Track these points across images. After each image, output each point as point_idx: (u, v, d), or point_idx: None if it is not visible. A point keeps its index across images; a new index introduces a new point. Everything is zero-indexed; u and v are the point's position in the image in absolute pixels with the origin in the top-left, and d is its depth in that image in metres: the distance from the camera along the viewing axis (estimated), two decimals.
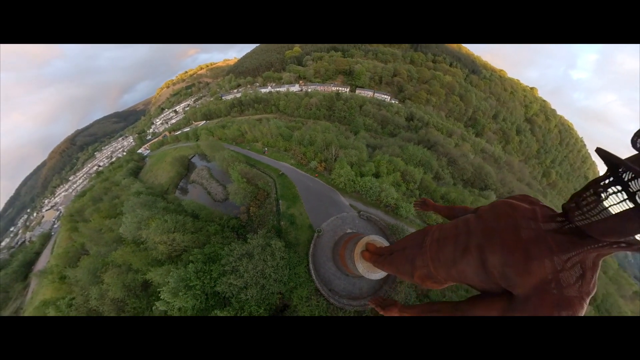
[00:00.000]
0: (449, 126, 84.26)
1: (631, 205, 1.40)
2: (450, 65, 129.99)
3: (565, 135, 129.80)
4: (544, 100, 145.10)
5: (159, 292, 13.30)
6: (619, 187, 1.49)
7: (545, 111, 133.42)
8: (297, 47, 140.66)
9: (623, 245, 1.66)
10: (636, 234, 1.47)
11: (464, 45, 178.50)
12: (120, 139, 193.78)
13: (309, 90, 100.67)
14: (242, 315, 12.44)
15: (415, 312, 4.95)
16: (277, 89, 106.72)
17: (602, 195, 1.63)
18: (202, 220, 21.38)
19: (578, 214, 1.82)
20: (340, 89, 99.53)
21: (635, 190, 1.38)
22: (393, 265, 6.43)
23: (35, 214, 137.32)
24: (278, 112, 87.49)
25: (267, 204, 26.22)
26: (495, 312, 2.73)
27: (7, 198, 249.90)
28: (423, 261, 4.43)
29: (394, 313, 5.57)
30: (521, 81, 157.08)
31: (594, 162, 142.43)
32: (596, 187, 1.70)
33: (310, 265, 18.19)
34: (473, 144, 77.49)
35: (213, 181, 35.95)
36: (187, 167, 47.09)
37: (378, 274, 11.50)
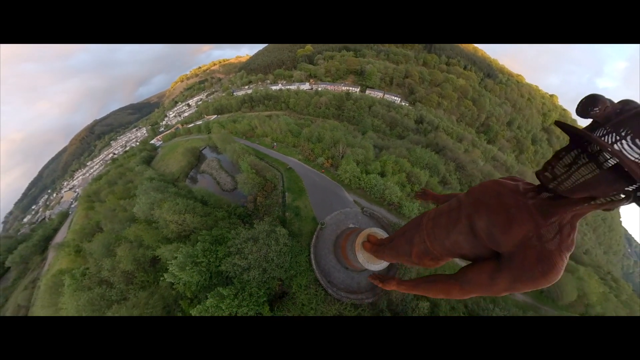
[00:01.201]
0: (460, 131, 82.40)
1: (597, 171, 1.70)
2: (465, 68, 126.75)
3: None
4: (565, 109, 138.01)
5: (167, 269, 14.18)
6: (585, 156, 1.86)
7: (565, 121, 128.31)
8: (308, 46, 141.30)
9: (592, 204, 2.00)
10: (604, 195, 1.82)
11: (480, 47, 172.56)
12: (134, 129, 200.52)
13: (319, 89, 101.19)
14: (243, 295, 13.06)
15: (412, 284, 5.37)
16: (288, 87, 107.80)
17: (572, 164, 1.99)
18: (211, 206, 22.41)
19: (553, 183, 2.17)
20: (350, 88, 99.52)
21: (601, 159, 1.67)
22: (393, 250, 6.86)
23: (55, 195, 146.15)
24: (288, 110, 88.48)
25: (273, 195, 26.97)
26: (486, 275, 3.12)
27: (31, 179, 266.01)
28: (420, 238, 4.88)
29: (393, 286, 6.03)
30: (540, 87, 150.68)
31: None
32: (565, 156, 2.09)
33: (312, 256, 18.64)
34: (484, 151, 75.30)
35: (222, 172, 37.12)
36: (198, 157, 48.66)
37: (377, 265, 11.83)
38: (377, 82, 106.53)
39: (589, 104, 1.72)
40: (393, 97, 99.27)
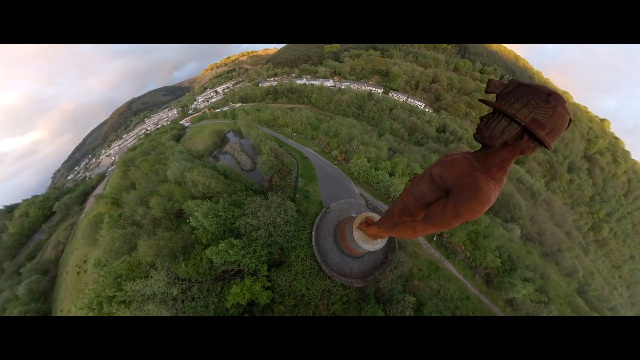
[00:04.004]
0: None
1: (501, 122, 3.21)
2: (501, 78, 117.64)
3: (635, 186, 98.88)
4: (616, 138, 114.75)
5: (188, 221, 17.19)
6: (494, 116, 3.46)
7: (615, 151, 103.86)
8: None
9: (511, 146, 3.45)
10: (509, 137, 3.31)
11: (523, 56, 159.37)
12: (166, 109, 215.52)
13: (342, 86, 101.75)
14: (249, 249, 15.45)
15: (388, 227, 7.33)
16: (312, 82, 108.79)
17: (488, 122, 3.55)
18: (231, 179, 25.51)
19: (480, 137, 3.78)
20: (373, 89, 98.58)
21: (501, 115, 3.18)
22: (383, 217, 8.72)
23: (94, 160, 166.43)
24: (309, 104, 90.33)
25: (287, 179, 29.49)
26: (439, 207, 4.83)
27: (76, 144, 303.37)
28: (401, 198, 6.79)
29: (373, 230, 8.09)
30: (590, 109, 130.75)
31: None
32: (485, 119, 3.69)
33: (313, 234, 20.28)
34: (509, 170, 71.36)
35: (243, 154, 40.46)
36: (222, 139, 52.75)
37: (370, 245, 13.49)
38: (402, 84, 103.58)
39: (488, 85, 3.40)
40: (417, 102, 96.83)
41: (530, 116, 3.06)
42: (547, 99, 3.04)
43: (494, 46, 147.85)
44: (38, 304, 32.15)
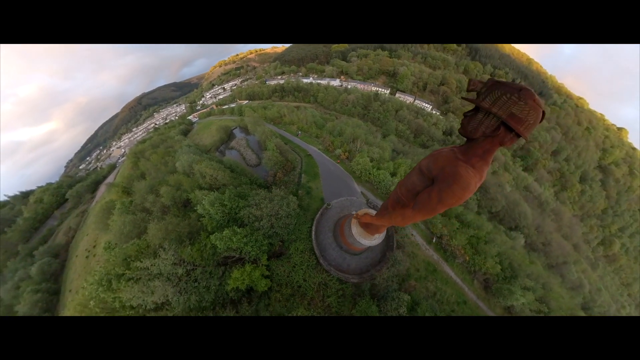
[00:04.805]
0: None
1: (479, 116, 3.90)
2: (512, 81, 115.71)
3: None
4: (634, 149, 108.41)
5: (196, 209, 18.03)
6: (475, 111, 3.99)
7: (632, 163, 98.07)
8: None
9: (489, 139, 3.96)
10: (488, 129, 3.82)
11: (536, 59, 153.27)
12: (175, 105, 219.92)
13: (349, 86, 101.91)
14: (251, 238, 16.15)
15: (379, 215, 7.86)
16: (318, 81, 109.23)
17: (470, 118, 4.08)
18: (237, 173, 26.48)
19: (463, 130, 4.28)
20: (380, 89, 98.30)
21: (486, 112, 3.72)
22: (379, 210, 9.25)
23: (105, 151, 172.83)
24: (315, 103, 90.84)
25: (291, 175, 30.19)
26: (426, 194, 5.37)
27: (88, 136, 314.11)
28: (394, 191, 7.31)
29: (367, 218, 8.66)
30: (607, 117, 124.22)
31: None
32: (467, 115, 4.16)
33: (313, 228, 20.82)
34: (516, 177, 67.07)
35: (249, 149, 41.42)
36: (228, 135, 53.91)
37: (367, 240, 13.89)
38: (409, 86, 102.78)
39: (469, 84, 3.88)
40: (424, 104, 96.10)
41: (507, 110, 3.53)
42: (518, 94, 3.51)
43: (506, 48, 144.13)
44: (49, 284, 33.90)
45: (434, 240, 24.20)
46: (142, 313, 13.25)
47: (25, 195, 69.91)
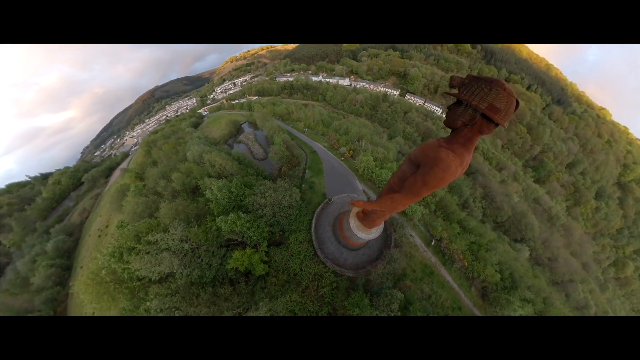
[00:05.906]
0: (503, 159, 72.35)
1: (460, 107, 4.55)
2: (529, 88, 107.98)
3: None
4: None
5: (204, 193, 19.07)
6: (457, 103, 4.63)
7: None
8: None
9: (469, 126, 4.58)
10: (468, 119, 4.47)
11: (555, 65, 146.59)
12: (186, 98, 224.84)
13: (358, 86, 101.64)
14: (253, 224, 16.98)
15: (372, 202, 8.51)
16: (328, 80, 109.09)
17: (453, 109, 4.73)
18: (244, 165, 27.63)
19: (447, 121, 4.95)
20: (389, 90, 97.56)
21: (467, 104, 4.41)
22: (376, 199, 9.87)
23: (119, 140, 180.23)
24: (324, 102, 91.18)
25: (296, 169, 31.11)
26: (412, 179, 6.02)
27: (104, 125, 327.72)
28: (387, 181, 7.96)
29: (361, 204, 9.34)
30: (631, 130, 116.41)
31: None
32: (451, 107, 4.76)
33: (313, 221, 21.53)
34: (525, 188, 64.56)
35: (256, 144, 42.58)
36: (237, 129, 55.28)
37: (364, 234, 14.37)
38: (420, 88, 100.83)
39: (450, 80, 4.51)
40: (434, 107, 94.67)
41: (483, 100, 4.10)
42: (490, 85, 4.10)
43: (524, 53, 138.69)
44: (62, 260, 36.13)
45: (432, 243, 24.14)
46: (147, 284, 14.33)
47: (44, 177, 73.94)
